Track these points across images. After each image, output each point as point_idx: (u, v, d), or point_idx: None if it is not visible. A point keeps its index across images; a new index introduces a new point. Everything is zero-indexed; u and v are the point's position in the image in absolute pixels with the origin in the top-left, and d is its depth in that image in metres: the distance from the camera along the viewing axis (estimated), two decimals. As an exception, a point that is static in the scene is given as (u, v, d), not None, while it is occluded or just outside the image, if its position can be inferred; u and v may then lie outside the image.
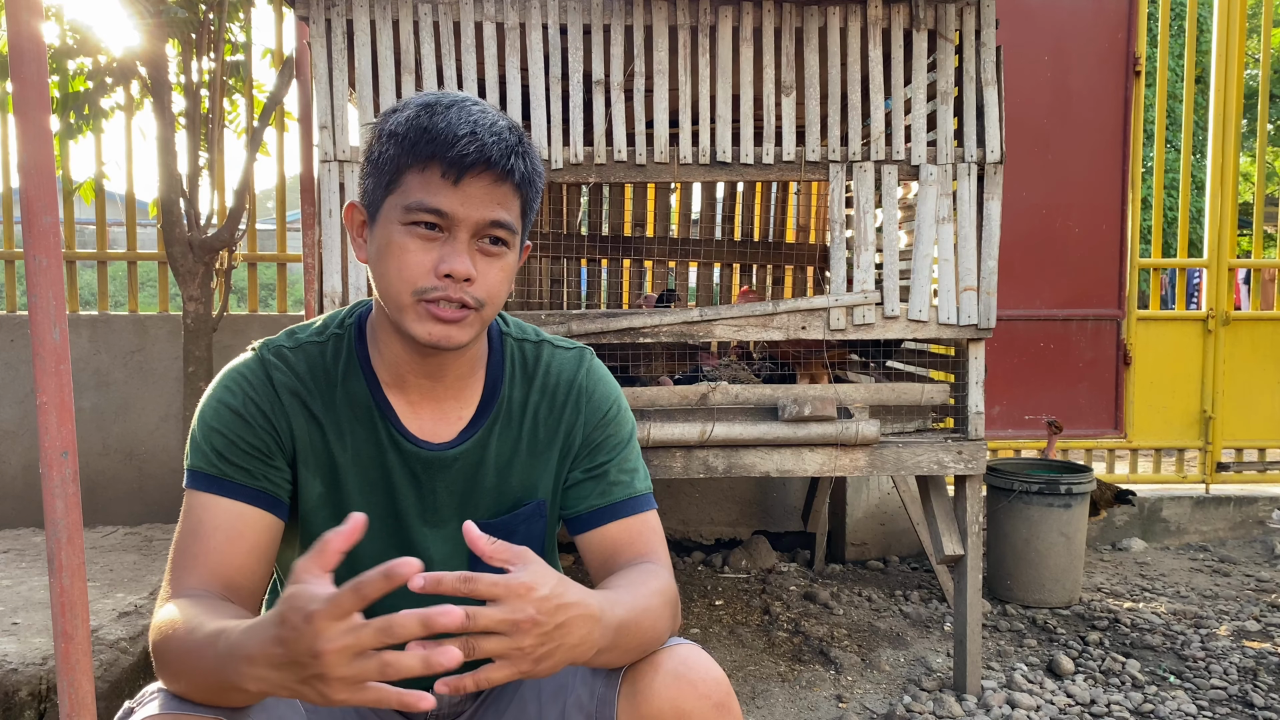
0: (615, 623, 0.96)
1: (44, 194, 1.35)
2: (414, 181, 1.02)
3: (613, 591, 1.02)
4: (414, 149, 1.01)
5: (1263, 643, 2.92)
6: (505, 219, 1.03)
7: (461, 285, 1.02)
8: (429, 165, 1.01)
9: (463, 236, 1.02)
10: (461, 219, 1.02)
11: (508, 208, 1.04)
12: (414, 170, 1.02)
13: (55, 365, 1.35)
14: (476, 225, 1.02)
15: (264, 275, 8.76)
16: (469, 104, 1.03)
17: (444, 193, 1.01)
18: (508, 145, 1.01)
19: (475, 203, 1.02)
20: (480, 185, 1.01)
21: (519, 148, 1.03)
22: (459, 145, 0.99)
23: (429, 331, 1.04)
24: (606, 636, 0.94)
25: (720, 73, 2.37)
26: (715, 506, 3.95)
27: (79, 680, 1.37)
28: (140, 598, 2.46)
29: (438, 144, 1.00)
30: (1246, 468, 4.27)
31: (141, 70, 3.14)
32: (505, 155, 1.01)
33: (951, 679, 2.61)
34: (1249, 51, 10.49)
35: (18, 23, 1.33)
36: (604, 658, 0.97)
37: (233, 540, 1.05)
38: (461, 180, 1.00)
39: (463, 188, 1.01)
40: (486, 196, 1.02)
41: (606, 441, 1.20)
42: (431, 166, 1.01)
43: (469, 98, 1.05)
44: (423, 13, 2.28)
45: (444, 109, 1.02)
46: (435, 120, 1.00)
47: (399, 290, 1.03)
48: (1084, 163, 3.95)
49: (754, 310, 2.38)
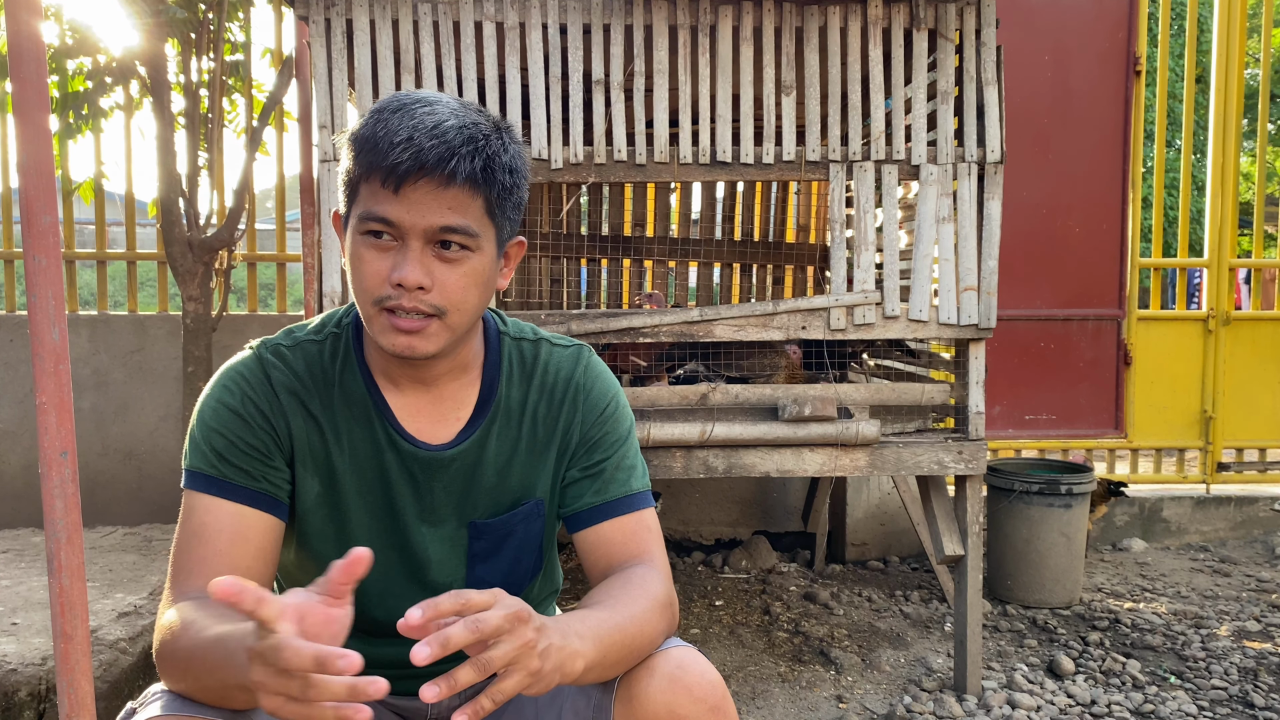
0: (596, 643, 0.96)
1: (43, 194, 1.34)
2: (364, 191, 1.01)
3: (597, 610, 1.01)
4: (358, 159, 1.01)
5: (1263, 643, 2.91)
6: (457, 223, 1.00)
7: (415, 294, 1.01)
8: (372, 175, 1.00)
9: (414, 244, 1.00)
10: (409, 226, 1.00)
11: (461, 210, 1.01)
12: (364, 180, 1.01)
13: (55, 365, 1.35)
14: (425, 232, 1.00)
15: (263, 275, 8.75)
16: (417, 107, 1.00)
17: (387, 202, 0.99)
18: (449, 148, 0.98)
19: (420, 209, 0.99)
20: (422, 191, 0.99)
21: (464, 148, 0.98)
22: (393, 153, 0.97)
23: (393, 343, 1.03)
24: (588, 658, 0.94)
25: (720, 72, 2.37)
26: (715, 506, 3.94)
27: (79, 680, 1.37)
28: (140, 598, 2.46)
29: (376, 153, 0.99)
30: (1247, 468, 4.26)
31: (141, 70, 3.13)
32: (445, 159, 0.97)
33: (952, 679, 2.61)
34: (1249, 51, 10.49)
35: (17, 22, 1.33)
36: (590, 676, 0.97)
37: (235, 543, 1.05)
38: (401, 188, 0.98)
39: (404, 195, 0.99)
40: (432, 201, 0.99)
41: (604, 439, 1.20)
42: (374, 176, 1.00)
43: (424, 99, 1.02)
44: (422, 12, 2.28)
45: (390, 114, 1.00)
46: (377, 129, 0.99)
47: (362, 300, 1.04)
48: (1084, 162, 3.94)
49: (754, 310, 2.37)
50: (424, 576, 1.16)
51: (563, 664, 0.90)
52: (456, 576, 1.18)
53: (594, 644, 0.95)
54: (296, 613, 0.80)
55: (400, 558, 1.16)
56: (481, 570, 1.18)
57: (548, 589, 1.30)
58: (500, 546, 1.18)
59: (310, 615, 0.81)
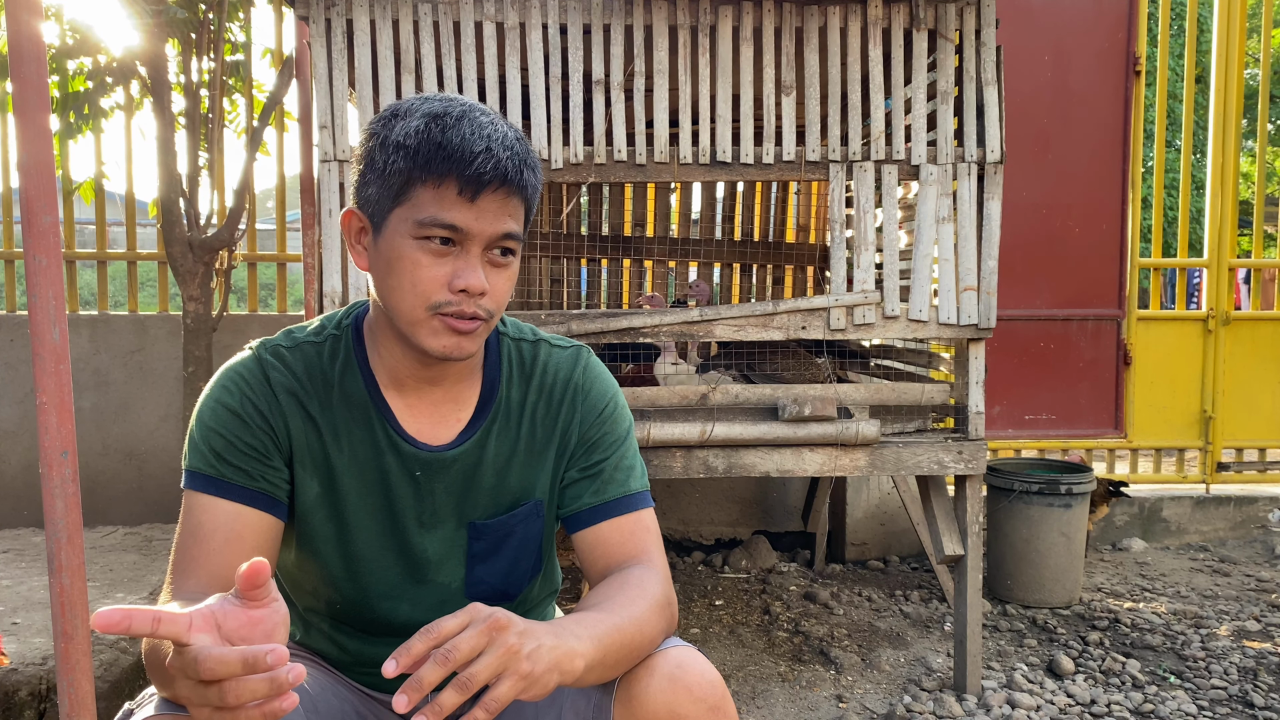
0: (595, 643, 0.96)
1: (44, 194, 1.34)
2: (426, 196, 1.00)
3: (595, 611, 1.02)
4: (428, 164, 1.00)
5: (1263, 643, 2.92)
6: (515, 230, 1.05)
7: (476, 299, 1.03)
8: (444, 181, 1.00)
9: (475, 250, 1.02)
10: (476, 234, 1.01)
11: (516, 218, 1.05)
12: (427, 185, 1.00)
13: (55, 365, 1.35)
14: (490, 239, 1.03)
15: (264, 275, 8.76)
16: (478, 114, 1.02)
17: (459, 209, 1.00)
18: (519, 159, 1.02)
19: (489, 217, 1.02)
20: (495, 200, 1.01)
21: (528, 159, 1.04)
22: (476, 163, 0.99)
23: (443, 344, 1.04)
24: (588, 657, 0.94)
25: (720, 73, 2.37)
26: (715, 506, 3.95)
27: (79, 680, 1.37)
28: (140, 598, 2.46)
29: (454, 161, 0.99)
30: (1247, 468, 4.27)
31: (141, 70, 3.14)
32: (519, 170, 1.02)
33: (951, 679, 2.61)
34: (1249, 51, 10.49)
35: (18, 23, 1.33)
36: (591, 676, 0.97)
37: (232, 542, 1.05)
38: (478, 197, 1.00)
39: (478, 204, 1.01)
40: (500, 210, 1.02)
41: (603, 439, 1.20)
42: (447, 182, 1.00)
43: (476, 107, 1.04)
44: (423, 12, 2.28)
45: (455, 121, 1.00)
46: (449, 135, 0.99)
47: (411, 305, 1.03)
48: (1084, 162, 3.94)
49: (754, 310, 2.38)
50: (423, 577, 1.17)
51: (559, 663, 0.90)
52: (456, 577, 1.18)
53: (593, 643, 0.95)
54: (210, 621, 0.78)
55: (400, 558, 1.16)
56: (481, 571, 1.18)
57: (547, 589, 1.30)
58: (499, 547, 1.18)
59: (229, 619, 0.80)
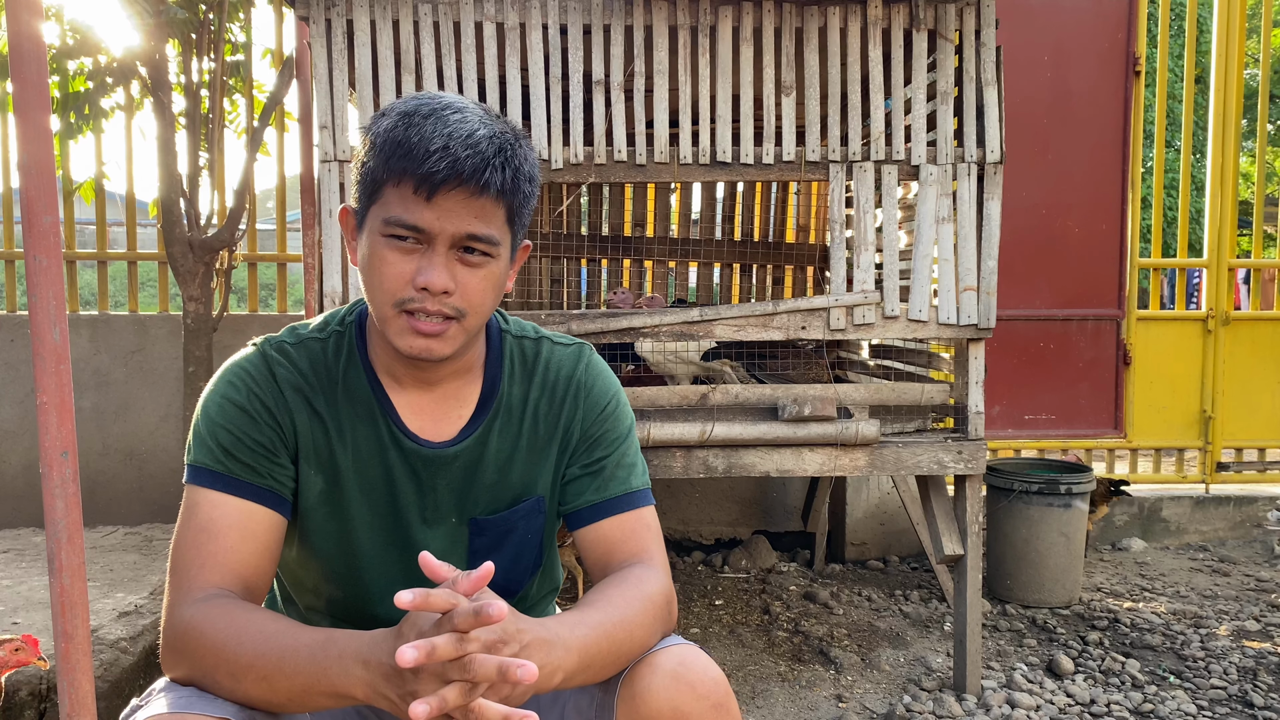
0: (579, 647, 0.97)
1: (44, 194, 1.35)
2: (391, 195, 1.01)
3: (587, 612, 1.02)
4: (388, 163, 1.00)
5: (1262, 642, 2.92)
6: (483, 232, 1.02)
7: (440, 297, 1.02)
8: (403, 180, 1.00)
9: (440, 249, 1.02)
10: (437, 232, 1.01)
11: (487, 219, 1.02)
12: (390, 184, 1.01)
13: (55, 365, 1.35)
14: (453, 238, 1.02)
15: (264, 275, 8.75)
16: (448, 113, 1.01)
17: (418, 208, 1.00)
18: (483, 159, 0.99)
19: (451, 216, 1.00)
20: (455, 199, 1.00)
21: (496, 159, 1.00)
22: (429, 162, 0.98)
23: (410, 345, 1.04)
24: (570, 660, 0.95)
25: (720, 73, 2.37)
26: (715, 506, 3.95)
27: (79, 680, 1.37)
28: (140, 598, 2.46)
29: (410, 159, 0.99)
30: (1246, 468, 4.27)
31: (141, 70, 3.13)
32: (479, 170, 0.99)
33: (951, 679, 2.61)
34: (1249, 51, 10.49)
35: (18, 23, 1.33)
36: (576, 680, 0.98)
37: (245, 540, 1.05)
38: (435, 196, 0.99)
39: (437, 203, 1.00)
40: (463, 209, 1.01)
41: (604, 436, 1.20)
42: (405, 182, 1.00)
43: (452, 104, 1.02)
44: (423, 13, 2.28)
45: (420, 119, 1.00)
46: (410, 133, 0.99)
47: (381, 301, 1.04)
48: (1084, 163, 3.94)
49: (754, 310, 2.38)
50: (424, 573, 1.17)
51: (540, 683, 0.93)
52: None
53: (578, 655, 0.96)
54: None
55: (401, 555, 1.16)
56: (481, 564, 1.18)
57: (547, 586, 1.30)
58: (501, 543, 1.18)
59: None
